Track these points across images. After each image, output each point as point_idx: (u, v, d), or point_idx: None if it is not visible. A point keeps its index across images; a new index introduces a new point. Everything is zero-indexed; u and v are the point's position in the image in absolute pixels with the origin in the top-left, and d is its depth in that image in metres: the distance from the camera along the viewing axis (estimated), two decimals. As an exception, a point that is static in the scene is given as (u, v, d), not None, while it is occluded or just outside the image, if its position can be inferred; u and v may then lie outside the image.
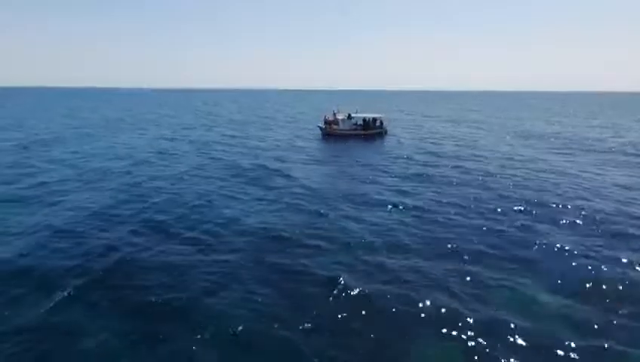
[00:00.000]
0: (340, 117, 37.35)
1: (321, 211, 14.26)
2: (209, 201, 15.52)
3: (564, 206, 15.15)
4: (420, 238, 12.00)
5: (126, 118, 57.67)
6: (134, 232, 12.17)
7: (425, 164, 23.75)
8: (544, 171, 21.65)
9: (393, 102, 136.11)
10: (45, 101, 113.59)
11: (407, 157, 26.10)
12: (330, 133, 36.95)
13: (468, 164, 23.55)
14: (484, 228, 12.82)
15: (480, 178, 19.86)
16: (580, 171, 21.62)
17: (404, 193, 17.11)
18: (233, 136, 37.05)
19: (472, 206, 15.19)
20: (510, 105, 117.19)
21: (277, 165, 22.98)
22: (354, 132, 36.93)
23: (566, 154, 27.80)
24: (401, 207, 14.93)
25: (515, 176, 20.33)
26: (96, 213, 13.88)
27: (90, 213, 13.86)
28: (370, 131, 37.40)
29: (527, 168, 22.53)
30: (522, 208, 14.84)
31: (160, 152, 27.06)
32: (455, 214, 14.21)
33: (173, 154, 26.75)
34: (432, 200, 16.00)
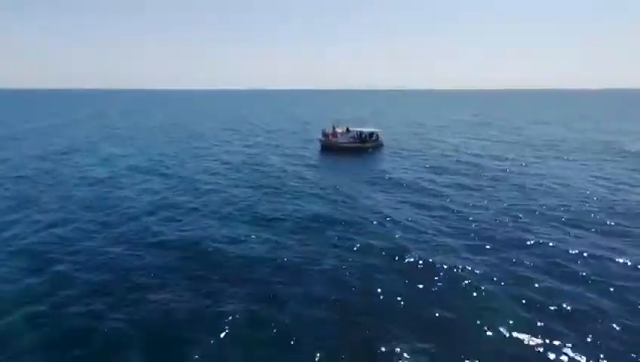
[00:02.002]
0: (339, 130, 39.61)
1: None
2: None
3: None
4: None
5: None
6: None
7: (421, 177, 26.15)
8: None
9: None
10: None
11: (398, 168, 28.54)
12: (329, 145, 39.09)
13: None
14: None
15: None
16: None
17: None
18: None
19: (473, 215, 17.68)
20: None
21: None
22: (352, 145, 39.18)
23: None
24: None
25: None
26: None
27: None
28: (367, 144, 39.67)
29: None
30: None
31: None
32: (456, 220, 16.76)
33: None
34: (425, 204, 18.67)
